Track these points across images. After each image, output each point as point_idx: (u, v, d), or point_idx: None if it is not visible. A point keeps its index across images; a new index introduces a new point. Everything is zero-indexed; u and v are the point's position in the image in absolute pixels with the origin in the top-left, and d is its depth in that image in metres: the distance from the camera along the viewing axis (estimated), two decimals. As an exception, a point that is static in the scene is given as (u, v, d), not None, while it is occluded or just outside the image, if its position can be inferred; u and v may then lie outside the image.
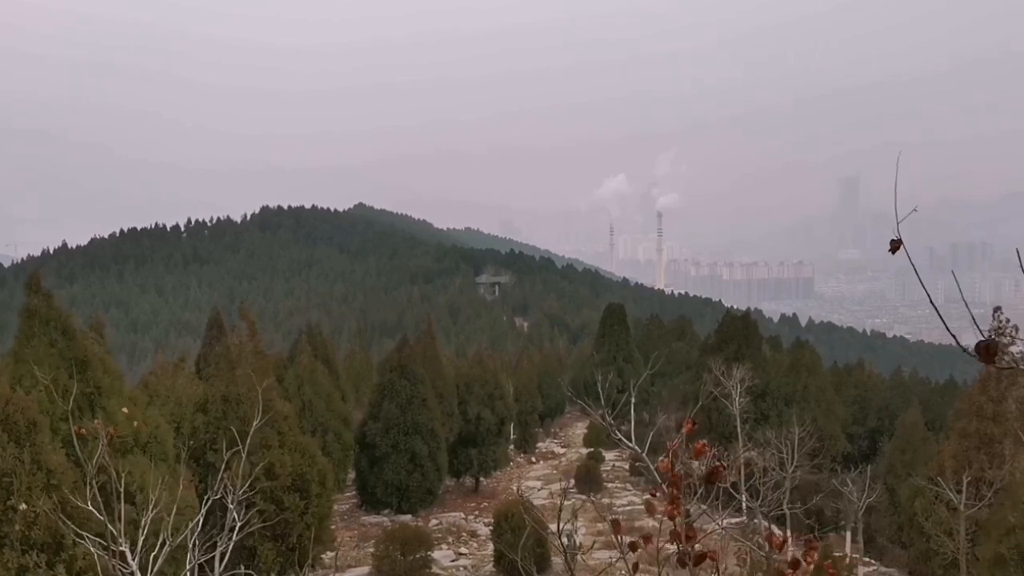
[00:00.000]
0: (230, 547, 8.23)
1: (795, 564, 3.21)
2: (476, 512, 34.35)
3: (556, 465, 44.43)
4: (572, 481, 38.32)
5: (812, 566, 3.26)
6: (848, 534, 31.27)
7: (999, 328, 19.83)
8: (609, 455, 45.23)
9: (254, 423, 8.75)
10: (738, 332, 39.09)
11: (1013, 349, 20.41)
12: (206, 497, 9.07)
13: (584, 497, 37.39)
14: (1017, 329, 20.91)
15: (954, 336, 3.21)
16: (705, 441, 3.48)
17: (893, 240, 3.20)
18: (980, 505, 18.42)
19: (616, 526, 4.12)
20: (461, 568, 28.33)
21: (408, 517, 32.72)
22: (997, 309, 20.29)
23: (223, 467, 8.90)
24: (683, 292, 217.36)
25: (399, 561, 24.37)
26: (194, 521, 8.13)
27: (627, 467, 41.29)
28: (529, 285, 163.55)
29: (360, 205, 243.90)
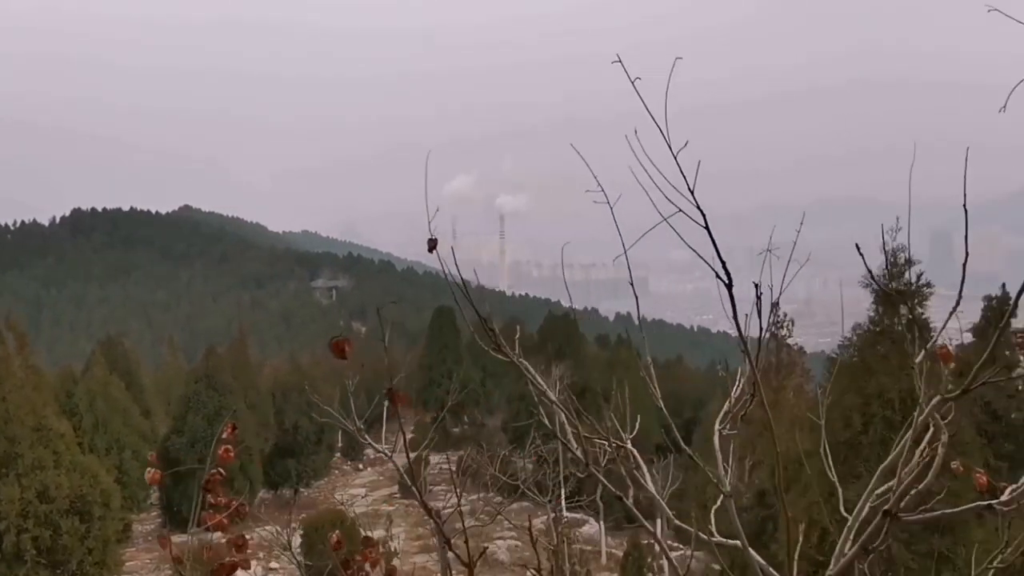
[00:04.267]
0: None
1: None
2: (293, 525, 33.17)
3: (383, 471, 43.67)
4: (396, 487, 37.73)
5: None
6: (659, 522, 32.66)
7: (777, 322, 21.23)
8: (436, 458, 45.01)
9: None
10: (559, 331, 40.07)
11: (791, 341, 21.64)
12: None
13: (407, 502, 36.96)
14: (793, 323, 22.50)
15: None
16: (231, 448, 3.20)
17: (430, 239, 3.18)
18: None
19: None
20: (269, 584, 27.19)
21: (217, 535, 31.14)
22: (775, 305, 21.61)
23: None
24: (524, 293, 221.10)
25: (197, 582, 23.04)
26: None
27: (454, 469, 41.26)
28: (368, 289, 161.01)
29: (186, 207, 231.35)
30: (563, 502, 29.85)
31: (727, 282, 3.16)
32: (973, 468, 3.69)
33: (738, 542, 3.49)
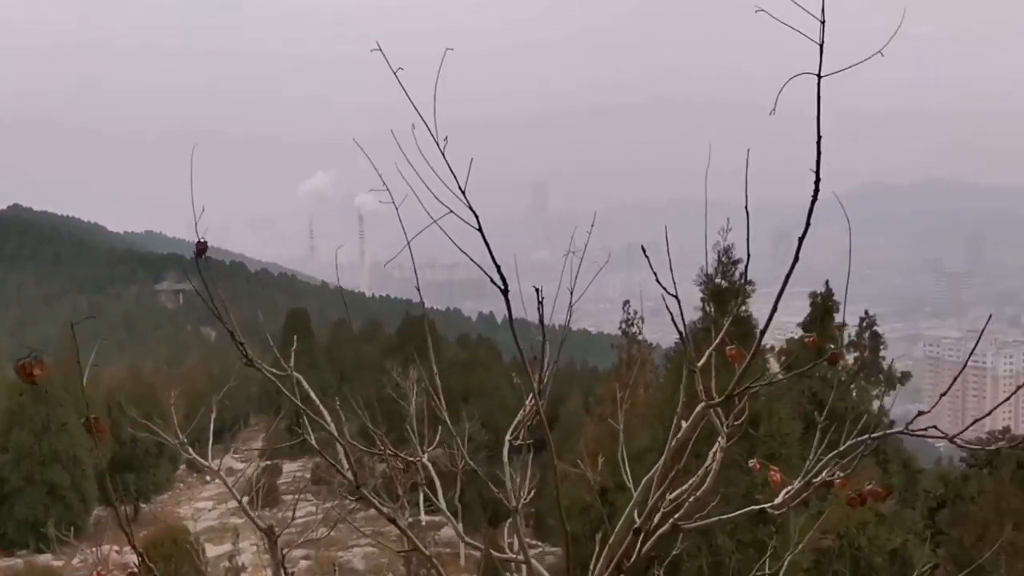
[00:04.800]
0: None
1: None
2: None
3: (233, 483, 41.81)
4: (246, 498, 36.08)
5: None
6: (518, 520, 32.90)
7: (628, 319, 21.69)
8: (291, 466, 43.53)
9: None
10: (417, 332, 39.60)
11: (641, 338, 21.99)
12: None
13: (256, 513, 35.35)
14: (643, 320, 23.04)
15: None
16: None
17: (198, 243, 3.45)
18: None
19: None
20: (103, 609, 25.36)
21: (47, 556, 28.77)
22: (626, 303, 22.17)
23: None
24: (385, 294, 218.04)
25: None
26: None
27: (309, 477, 40.01)
28: (218, 292, 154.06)
29: (15, 206, 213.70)
30: (421, 505, 29.50)
31: (503, 288, 3.20)
32: (769, 466, 3.74)
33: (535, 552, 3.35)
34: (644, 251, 4.03)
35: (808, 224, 3.53)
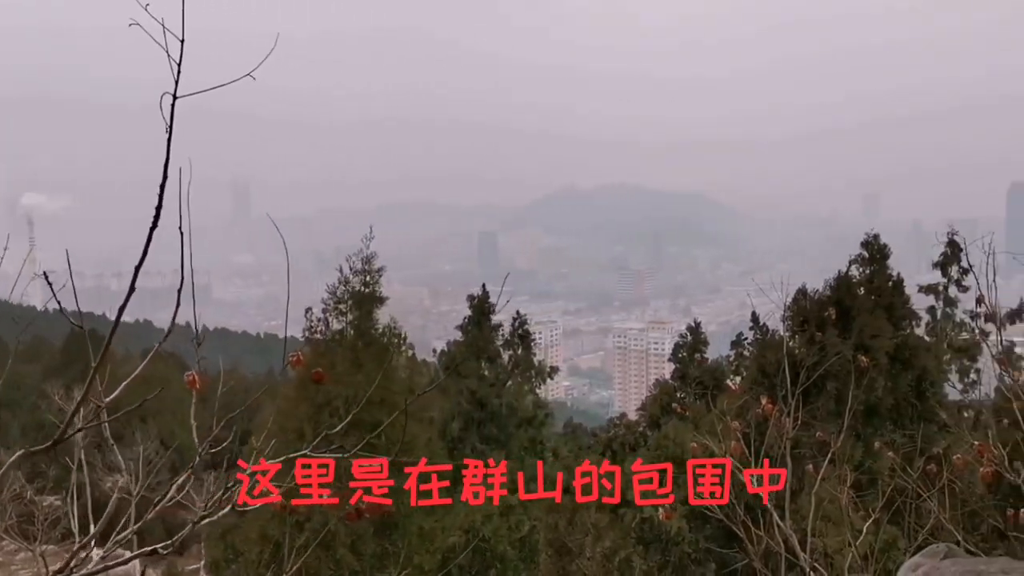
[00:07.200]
0: None
1: None
2: None
3: None
4: None
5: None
6: (202, 547, 30.77)
7: (311, 327, 21.03)
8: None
9: None
10: (86, 349, 35.71)
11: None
12: None
13: None
14: (328, 326, 22.25)
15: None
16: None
17: None
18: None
19: None
20: None
21: None
22: (308, 310, 21.25)
23: None
24: (64, 307, 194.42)
25: None
26: None
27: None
28: None
29: None
30: (92, 541, 26.21)
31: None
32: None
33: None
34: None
35: (145, 254, 3.52)
